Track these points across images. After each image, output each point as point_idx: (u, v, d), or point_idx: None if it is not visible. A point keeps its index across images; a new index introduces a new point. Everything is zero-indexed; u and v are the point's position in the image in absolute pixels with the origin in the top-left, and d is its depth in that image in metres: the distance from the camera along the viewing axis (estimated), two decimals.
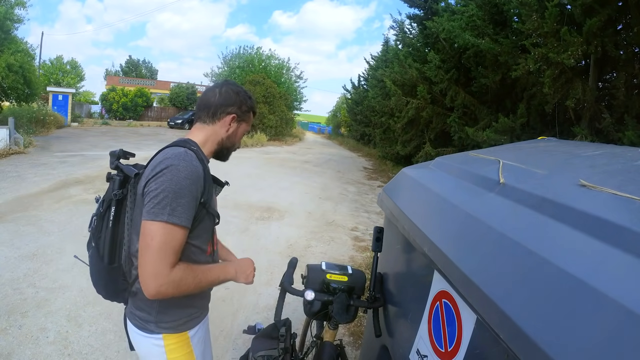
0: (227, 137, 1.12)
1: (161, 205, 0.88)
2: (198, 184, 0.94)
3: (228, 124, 1.10)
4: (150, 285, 0.88)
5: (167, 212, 0.88)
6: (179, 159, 0.93)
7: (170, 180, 0.90)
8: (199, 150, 1.04)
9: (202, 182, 0.96)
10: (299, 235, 4.74)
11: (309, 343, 1.66)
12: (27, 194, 5.44)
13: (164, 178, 0.90)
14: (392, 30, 13.39)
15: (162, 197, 0.89)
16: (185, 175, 0.91)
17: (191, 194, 0.92)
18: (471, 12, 6.68)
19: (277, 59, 25.86)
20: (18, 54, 13.52)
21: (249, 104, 1.14)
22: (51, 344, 2.30)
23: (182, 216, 0.91)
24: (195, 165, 0.94)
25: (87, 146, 11.30)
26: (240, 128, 1.15)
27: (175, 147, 0.99)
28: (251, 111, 1.16)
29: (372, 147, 18.00)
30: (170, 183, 0.89)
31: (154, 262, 0.88)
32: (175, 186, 0.89)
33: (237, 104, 1.11)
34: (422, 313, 0.98)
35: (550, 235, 0.67)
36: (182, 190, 0.90)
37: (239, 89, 1.13)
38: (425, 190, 1.23)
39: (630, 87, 5.02)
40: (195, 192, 0.94)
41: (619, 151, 1.10)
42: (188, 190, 0.91)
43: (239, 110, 1.12)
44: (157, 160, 0.95)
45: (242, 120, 1.14)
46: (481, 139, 6.50)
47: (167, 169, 0.90)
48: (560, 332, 0.48)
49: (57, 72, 33.77)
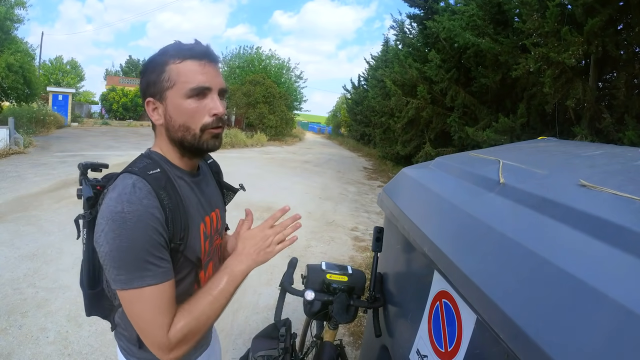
0: (167, 128, 0.79)
1: (124, 269, 0.68)
2: (158, 228, 0.70)
3: (151, 114, 0.80)
4: (160, 356, 0.74)
5: (136, 276, 0.68)
6: (122, 201, 0.68)
7: (119, 237, 0.67)
8: (161, 163, 0.79)
9: (161, 223, 0.71)
10: (299, 235, 4.73)
11: (309, 343, 1.67)
12: (27, 194, 5.44)
13: (111, 235, 0.67)
14: (392, 30, 13.41)
15: (118, 260, 0.68)
16: (133, 224, 0.67)
17: (154, 243, 0.70)
18: (472, 12, 6.67)
19: (277, 59, 25.87)
20: (18, 54, 13.53)
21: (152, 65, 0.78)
22: (51, 344, 2.30)
23: (158, 271, 0.71)
24: (145, 205, 0.69)
25: (87, 146, 11.29)
26: (170, 104, 0.77)
27: (125, 177, 0.73)
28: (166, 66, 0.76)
29: (372, 147, 18.00)
30: (121, 240, 0.67)
31: (148, 333, 0.72)
32: (128, 242, 0.67)
33: (145, 80, 0.79)
34: (422, 313, 0.98)
35: (550, 235, 0.67)
36: (139, 244, 0.68)
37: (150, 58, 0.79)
38: (425, 190, 1.23)
39: (630, 87, 5.02)
40: (157, 237, 0.70)
41: (619, 151, 1.10)
42: (148, 243, 0.69)
43: (150, 87, 0.78)
44: (105, 199, 0.72)
45: (161, 94, 0.77)
46: (481, 139, 6.49)
47: (112, 220, 0.67)
48: (560, 332, 0.48)
49: (57, 72, 33.80)
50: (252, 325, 2.67)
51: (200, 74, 0.76)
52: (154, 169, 0.77)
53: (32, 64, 15.64)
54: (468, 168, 1.18)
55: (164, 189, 0.75)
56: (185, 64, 0.76)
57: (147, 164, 0.77)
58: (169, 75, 0.76)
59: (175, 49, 0.77)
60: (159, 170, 0.77)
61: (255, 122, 19.96)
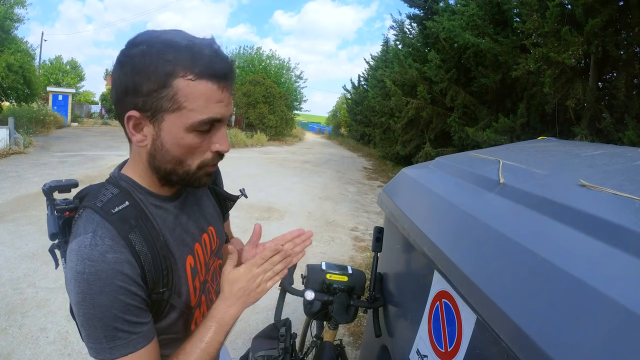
0: (151, 156, 0.63)
1: (93, 338, 0.58)
2: (130, 287, 0.58)
3: (130, 132, 0.61)
4: None
5: (106, 345, 0.58)
6: (82, 258, 0.56)
7: (84, 302, 0.56)
8: (132, 192, 0.65)
9: (134, 278, 0.59)
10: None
11: (309, 343, 1.67)
12: (27, 194, 5.44)
13: (76, 297, 0.56)
14: (392, 30, 13.41)
15: (87, 326, 0.58)
16: (97, 288, 0.55)
17: (126, 307, 0.58)
18: (471, 12, 6.67)
19: (277, 59, 25.88)
20: (18, 54, 13.53)
21: (151, 71, 0.56)
22: (51, 344, 2.30)
23: (131, 339, 0.59)
24: (109, 262, 0.56)
25: (87, 146, 11.29)
26: (165, 129, 0.59)
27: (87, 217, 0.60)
28: (175, 79, 0.56)
29: (372, 147, 18.00)
30: (86, 306, 0.56)
31: None
32: (94, 309, 0.56)
33: (127, 88, 0.57)
34: (422, 313, 0.98)
35: (550, 235, 0.67)
36: (107, 312, 0.56)
37: (128, 51, 0.58)
38: (425, 190, 1.23)
39: (630, 87, 5.02)
40: (128, 298, 0.58)
41: (619, 151, 1.10)
42: (116, 307, 0.57)
43: (134, 97, 0.58)
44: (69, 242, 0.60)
45: (155, 114, 0.58)
46: (481, 139, 6.49)
47: (74, 280, 0.56)
48: (560, 332, 0.48)
49: (56, 72, 33.81)
50: (252, 325, 2.67)
51: (217, 102, 0.59)
52: (120, 203, 0.62)
53: (32, 63, 15.64)
54: (468, 168, 1.18)
55: (136, 229, 0.61)
56: (201, 84, 0.57)
57: (112, 197, 0.62)
58: (174, 93, 0.57)
59: (190, 56, 0.56)
60: (127, 203, 0.62)
61: (255, 122, 19.96)
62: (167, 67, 0.56)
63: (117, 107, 0.61)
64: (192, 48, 0.57)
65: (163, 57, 0.56)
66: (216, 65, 0.58)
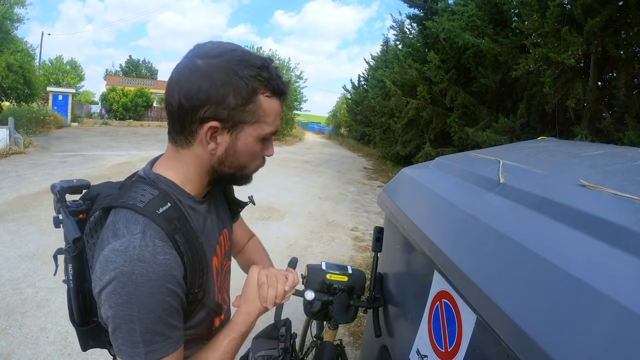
0: (219, 162, 0.66)
1: (129, 342, 0.57)
2: (176, 289, 0.60)
3: (207, 141, 0.63)
4: None
5: (143, 350, 0.58)
6: (131, 259, 0.56)
7: (128, 304, 0.56)
8: (171, 193, 0.65)
9: (179, 280, 0.60)
10: (299, 235, 4.74)
11: (309, 343, 1.67)
12: (27, 194, 5.44)
13: (117, 299, 0.56)
14: (392, 30, 13.41)
15: (125, 330, 0.57)
16: (146, 290, 0.56)
17: (171, 310, 0.60)
18: (471, 12, 6.67)
19: (277, 59, 25.88)
20: (18, 54, 13.52)
21: (239, 88, 0.60)
22: (51, 344, 2.30)
23: (167, 343, 0.60)
24: (161, 264, 0.57)
25: (87, 146, 11.29)
26: (241, 138, 0.64)
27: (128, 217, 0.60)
28: (256, 96, 0.62)
29: (372, 147, 18.00)
30: (130, 308, 0.56)
31: None
32: (139, 311, 0.56)
33: (209, 98, 0.60)
34: (422, 313, 0.98)
35: (550, 235, 0.67)
36: (151, 314, 0.57)
37: (212, 61, 0.60)
38: (425, 190, 1.23)
39: (630, 87, 5.02)
40: (173, 301, 0.60)
41: (619, 151, 1.10)
42: (161, 309, 0.58)
43: (218, 108, 0.60)
44: (102, 243, 0.60)
45: (236, 125, 0.63)
46: (481, 139, 6.49)
47: (117, 281, 0.55)
48: (560, 332, 0.48)
49: (57, 72, 33.82)
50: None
51: (279, 116, 0.68)
52: (163, 204, 0.62)
53: (32, 63, 15.63)
54: (468, 168, 1.18)
55: (179, 231, 0.62)
56: (274, 101, 0.65)
57: (153, 198, 0.62)
58: (256, 108, 0.63)
59: (268, 76, 0.63)
60: (169, 205, 0.63)
61: None
62: (251, 84, 0.61)
63: (188, 113, 0.61)
64: (267, 68, 0.63)
65: (246, 74, 0.61)
66: (282, 85, 0.66)
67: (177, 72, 0.62)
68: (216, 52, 0.61)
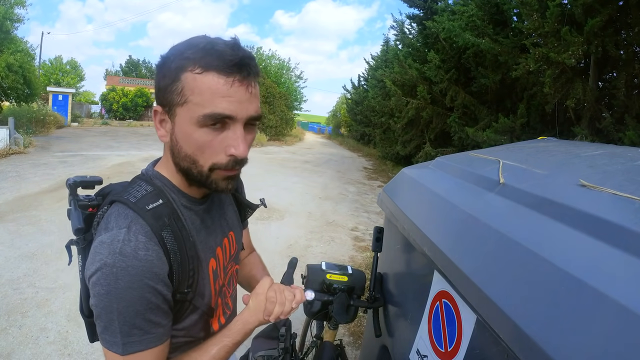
0: (172, 153, 0.64)
1: (109, 331, 0.58)
2: (157, 286, 0.59)
3: (158, 124, 0.64)
4: None
5: (120, 340, 0.58)
6: (114, 252, 0.56)
7: (107, 295, 0.56)
8: (165, 190, 0.66)
9: (162, 278, 0.60)
10: (299, 235, 4.74)
11: (309, 343, 1.66)
12: (27, 194, 5.44)
13: (99, 290, 0.57)
14: (393, 30, 13.40)
15: (105, 319, 0.58)
16: (125, 284, 0.56)
17: (150, 306, 0.59)
18: (471, 12, 6.67)
19: (277, 59, 25.90)
20: (18, 54, 13.52)
21: (167, 69, 0.59)
22: (51, 344, 2.30)
23: (146, 337, 0.59)
24: (142, 259, 0.57)
25: (87, 146, 11.29)
26: (177, 122, 0.61)
27: (119, 210, 0.61)
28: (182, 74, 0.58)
29: (372, 147, 17.99)
30: (109, 299, 0.56)
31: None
32: (117, 303, 0.56)
33: (156, 82, 0.61)
34: (422, 313, 0.98)
35: (550, 235, 0.67)
36: (130, 307, 0.57)
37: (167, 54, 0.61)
38: (425, 190, 1.23)
39: (630, 87, 5.02)
40: (153, 297, 0.59)
41: (619, 151, 1.10)
42: (140, 304, 0.57)
43: (159, 92, 0.61)
44: (97, 234, 0.61)
45: (170, 108, 0.60)
46: (481, 139, 6.49)
47: (101, 273, 0.56)
48: (560, 332, 0.48)
49: (57, 72, 33.82)
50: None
51: (223, 96, 0.57)
52: (154, 200, 0.62)
53: (32, 63, 15.64)
54: (468, 168, 1.18)
55: (168, 228, 0.62)
56: (207, 77, 0.56)
57: (146, 194, 0.63)
58: (182, 86, 0.58)
59: (200, 50, 0.57)
60: (161, 201, 0.63)
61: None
62: (178, 62, 0.58)
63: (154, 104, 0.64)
64: (205, 44, 0.58)
65: (177, 54, 0.59)
66: (225, 55, 0.57)
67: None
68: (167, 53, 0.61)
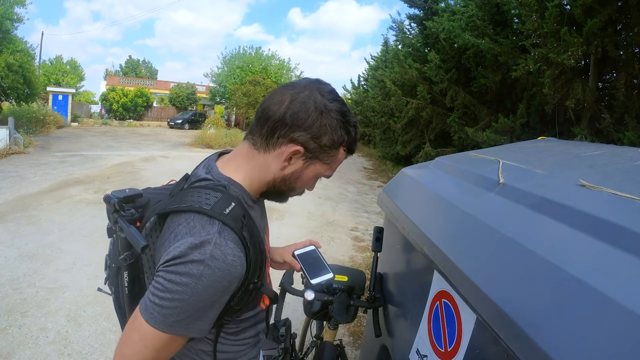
0: (281, 179, 0.73)
1: (165, 310, 0.60)
2: (232, 287, 0.64)
3: (284, 159, 0.70)
4: None
5: (170, 321, 0.60)
6: (204, 252, 0.60)
7: (184, 286, 0.59)
8: (236, 193, 0.70)
9: (240, 277, 0.65)
10: (299, 235, 4.74)
11: (309, 343, 1.66)
12: (27, 194, 5.43)
13: (179, 278, 0.59)
14: (392, 31, 13.38)
15: (168, 301, 0.60)
16: (206, 284, 0.59)
17: (217, 304, 0.64)
18: (471, 12, 6.68)
19: (277, 59, 25.90)
20: (17, 54, 13.50)
21: (336, 135, 0.70)
22: (51, 344, 2.30)
23: (192, 327, 0.63)
24: (229, 264, 0.61)
25: (87, 146, 11.29)
26: (309, 170, 0.73)
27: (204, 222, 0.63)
28: (340, 147, 0.72)
29: (372, 147, 17.98)
30: (184, 294, 0.59)
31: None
32: (190, 296, 0.59)
33: (310, 128, 0.68)
34: (422, 313, 0.98)
35: (550, 235, 0.67)
36: (200, 302, 0.61)
37: (329, 104, 0.69)
38: (425, 190, 1.23)
39: (630, 87, 5.02)
40: (225, 295, 0.65)
41: (619, 151, 1.10)
42: (210, 300, 0.62)
43: (311, 140, 0.69)
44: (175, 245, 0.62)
45: (313, 158, 0.71)
46: (481, 139, 6.49)
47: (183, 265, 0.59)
48: (560, 332, 0.48)
49: (57, 72, 33.81)
50: None
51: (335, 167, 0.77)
52: (227, 205, 0.65)
53: (32, 63, 15.60)
54: (468, 168, 1.18)
55: (245, 227, 0.67)
56: (343, 155, 0.76)
57: (219, 200, 0.65)
58: (334, 154, 0.73)
59: (354, 137, 0.75)
60: (234, 204, 0.66)
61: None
62: (344, 137, 0.72)
63: (285, 128, 0.68)
64: (355, 129, 0.74)
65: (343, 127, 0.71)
66: (355, 146, 0.77)
67: (296, 91, 0.70)
68: (333, 97, 0.71)
